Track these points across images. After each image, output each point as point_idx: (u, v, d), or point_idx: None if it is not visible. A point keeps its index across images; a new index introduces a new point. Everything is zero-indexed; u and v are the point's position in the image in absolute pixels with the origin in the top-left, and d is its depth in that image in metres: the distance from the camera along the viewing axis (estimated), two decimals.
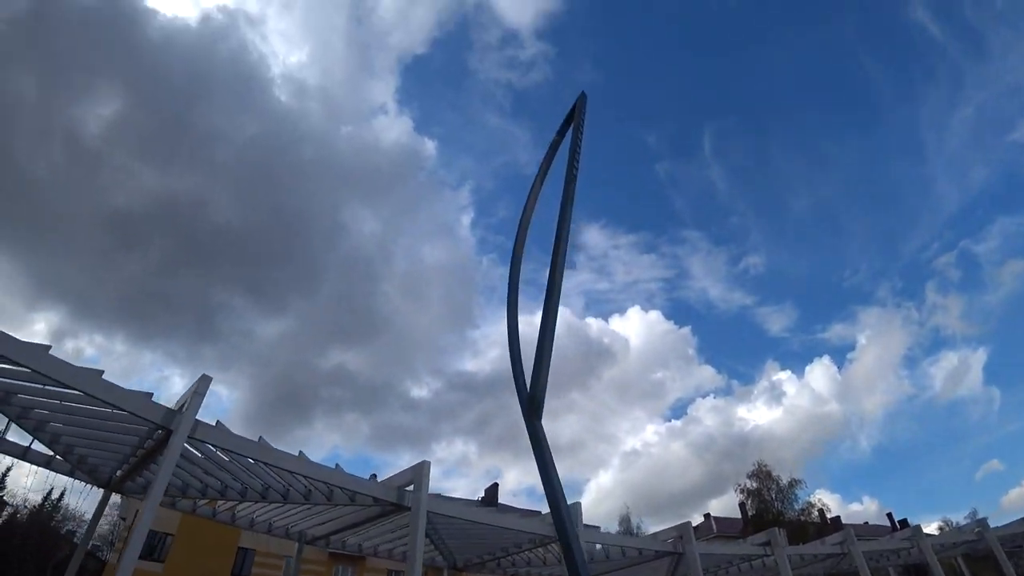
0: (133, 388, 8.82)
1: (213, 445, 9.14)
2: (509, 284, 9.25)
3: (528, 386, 7.00)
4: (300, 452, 10.18)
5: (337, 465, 10.50)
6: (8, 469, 31.48)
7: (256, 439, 9.58)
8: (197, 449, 9.75)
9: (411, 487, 10.43)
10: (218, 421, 9.44)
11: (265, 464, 9.64)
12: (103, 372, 8.91)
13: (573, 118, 11.78)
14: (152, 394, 9.29)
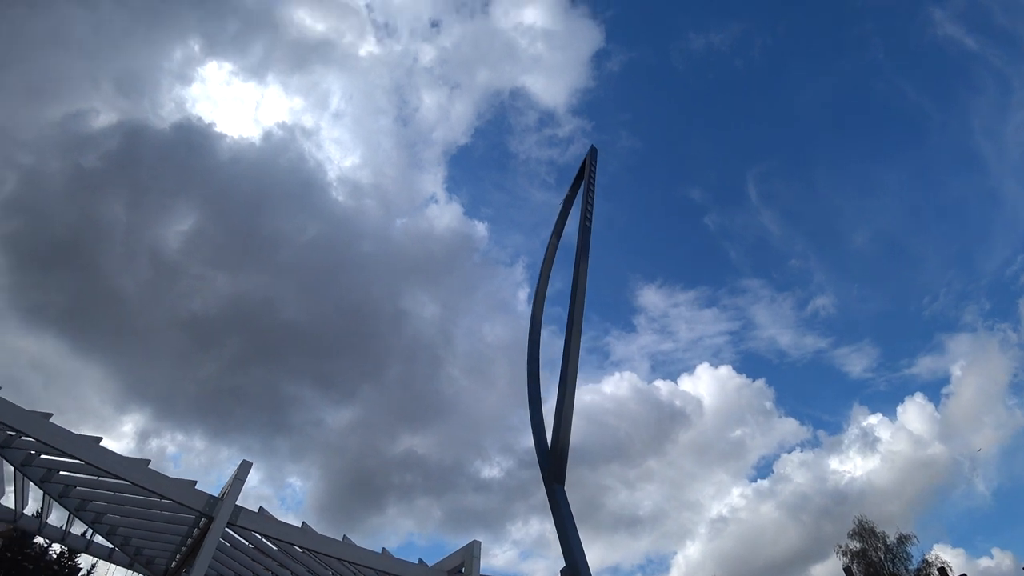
0: (210, 484, 9.06)
1: (258, 532, 9.14)
2: (529, 342, 9.14)
3: (549, 448, 6.71)
4: (350, 539, 10.01)
5: (384, 550, 10.16)
6: (93, 567, 32.82)
7: (327, 531, 9.51)
8: (243, 537, 9.78)
9: (463, 569, 9.66)
10: (260, 508, 9.47)
11: (310, 551, 9.51)
12: (149, 462, 9.28)
13: (584, 171, 11.96)
14: (195, 482, 9.53)
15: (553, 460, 6.49)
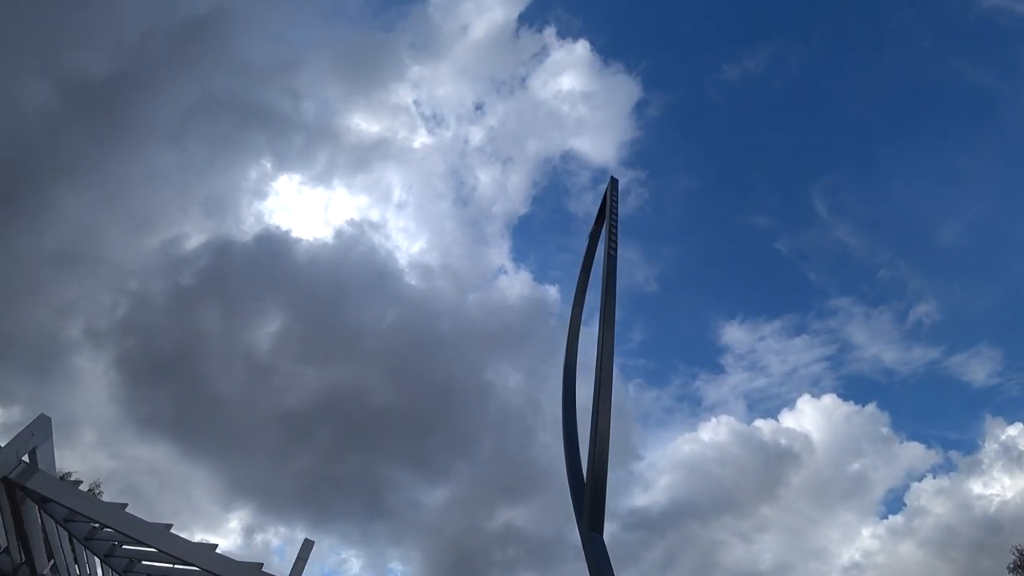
0: (312, 575, 9.36)
1: None
2: (564, 382, 8.84)
3: (587, 493, 6.31)
4: None
5: None
6: None
7: None
8: None
9: None
10: None
11: None
12: (216, 546, 9.63)
13: (606, 203, 11.89)
14: (261, 564, 9.78)
15: (589, 505, 6.08)
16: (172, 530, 9.25)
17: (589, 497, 5.97)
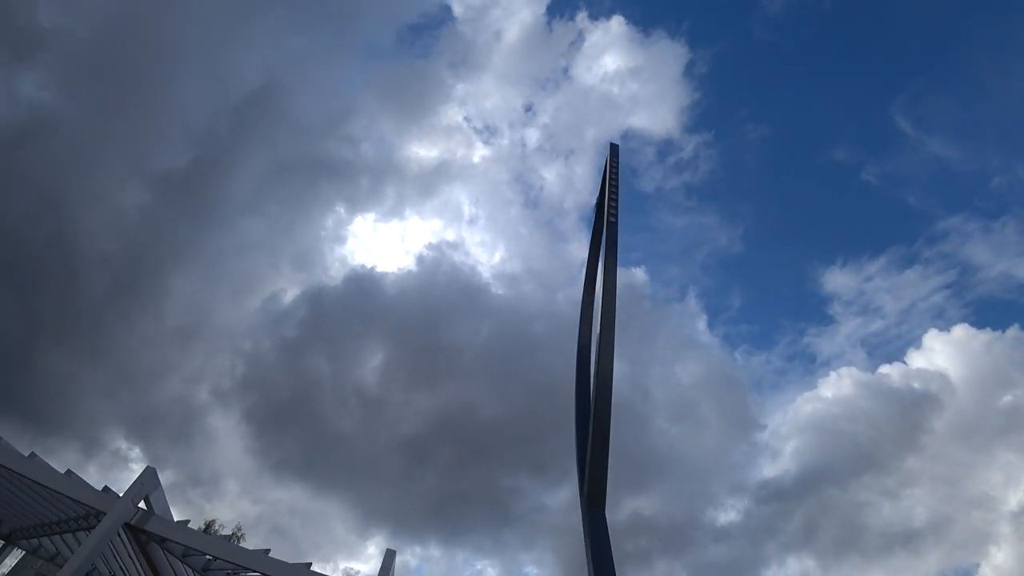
0: None
1: None
2: (578, 359, 8.71)
3: (587, 472, 6.27)
4: None
5: None
6: None
7: None
8: None
9: None
10: None
11: None
12: (310, 564, 10.75)
13: (606, 171, 11.53)
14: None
15: (589, 480, 6.05)
16: (303, 563, 10.46)
17: (589, 470, 5.90)
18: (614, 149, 11.41)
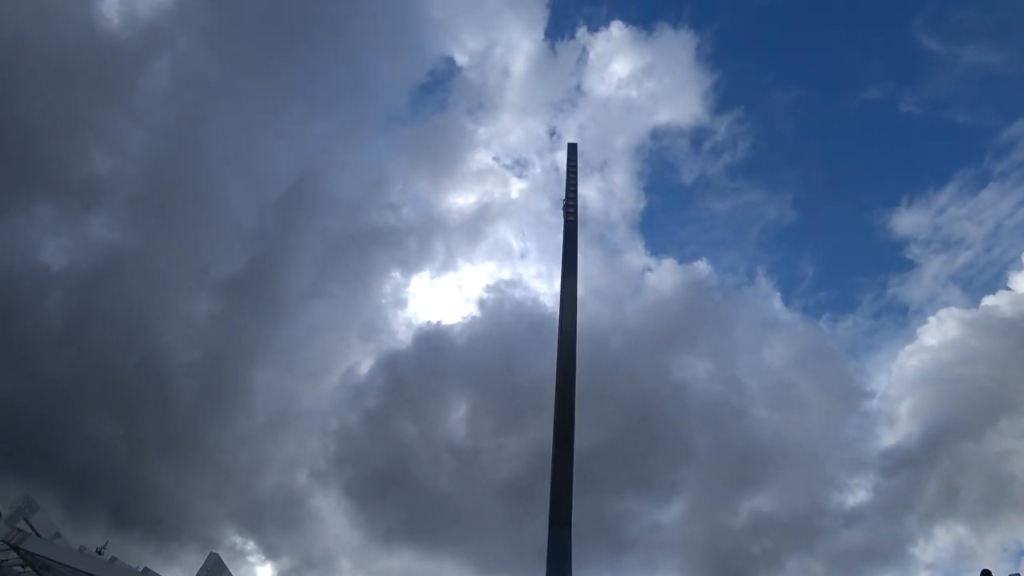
0: None
1: None
2: (560, 346, 8.24)
3: (550, 489, 5.91)
4: None
5: None
6: None
7: None
8: None
9: None
10: None
11: None
12: None
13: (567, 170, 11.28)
14: None
15: (552, 501, 5.69)
16: None
17: (551, 488, 5.50)
18: (572, 148, 11.26)
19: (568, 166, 11.16)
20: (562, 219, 11.21)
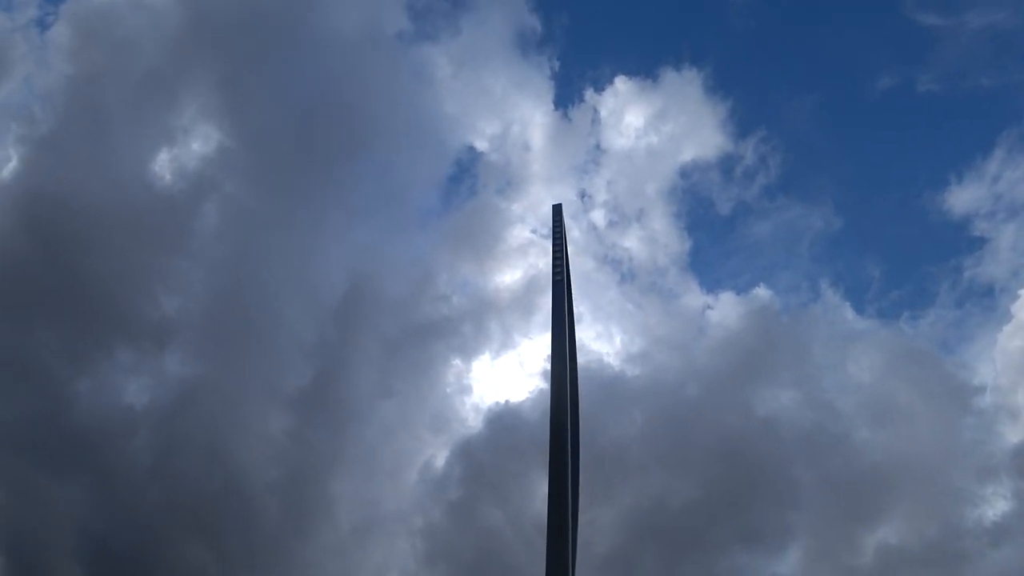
0: None
1: None
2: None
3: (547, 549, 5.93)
4: None
5: None
6: None
7: None
8: None
9: None
10: None
11: None
12: None
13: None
14: None
15: (548, 561, 5.71)
16: None
17: (547, 546, 5.37)
18: (556, 209, 11.74)
19: (554, 226, 11.65)
20: (605, 278, 11.63)
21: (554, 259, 10.57)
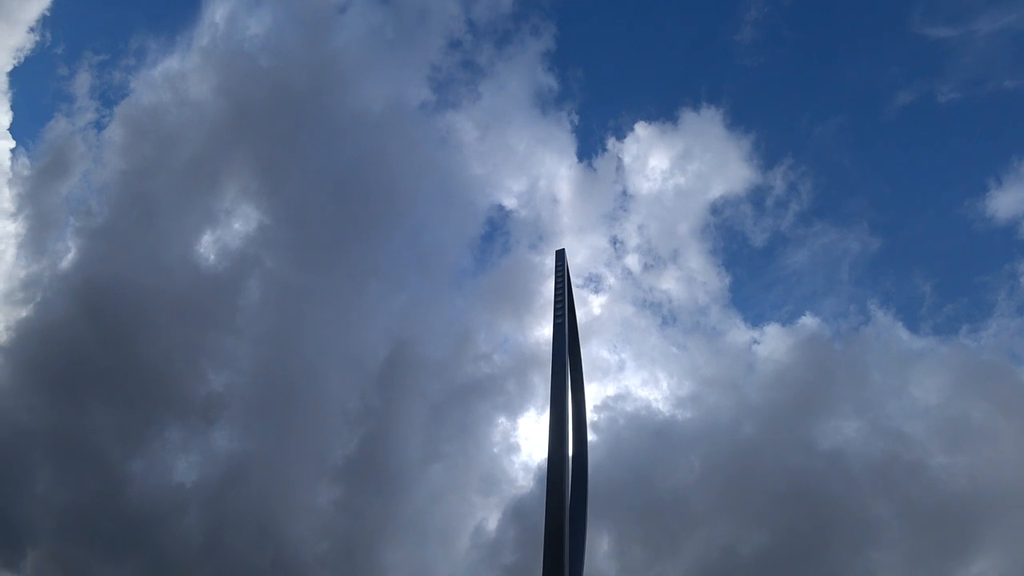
0: None
1: None
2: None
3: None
4: None
5: None
6: None
7: None
8: None
9: None
10: None
11: None
12: None
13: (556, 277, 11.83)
14: None
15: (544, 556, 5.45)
16: None
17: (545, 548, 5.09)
18: (559, 254, 11.78)
19: (556, 269, 11.72)
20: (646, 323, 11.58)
21: (556, 302, 10.57)
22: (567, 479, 6.72)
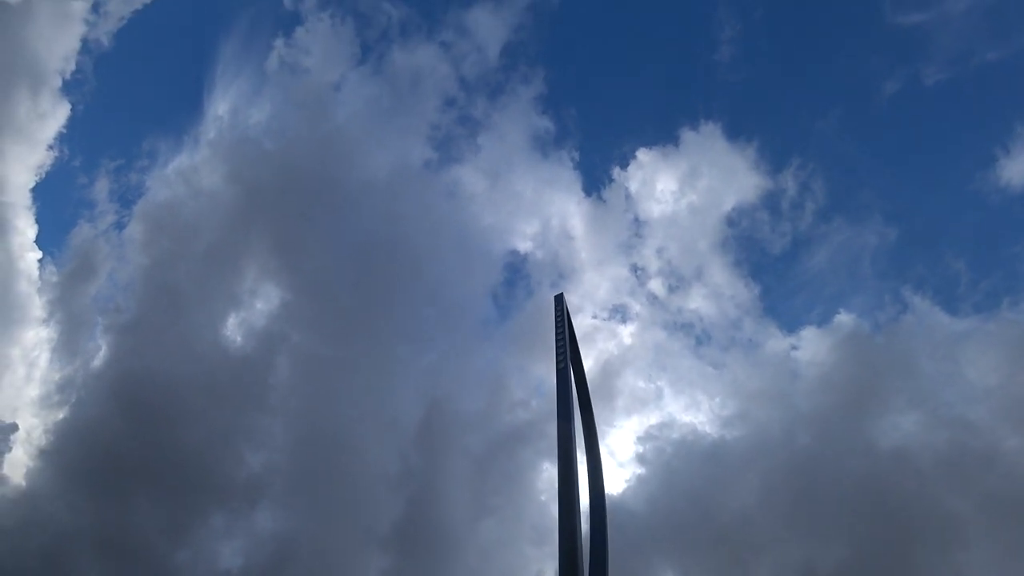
0: None
1: None
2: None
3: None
4: None
5: None
6: None
7: None
8: None
9: None
10: None
11: None
12: None
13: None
14: None
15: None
16: None
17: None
18: (557, 300, 12.31)
19: (556, 315, 12.23)
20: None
21: (557, 347, 11.03)
22: (578, 524, 7.08)
